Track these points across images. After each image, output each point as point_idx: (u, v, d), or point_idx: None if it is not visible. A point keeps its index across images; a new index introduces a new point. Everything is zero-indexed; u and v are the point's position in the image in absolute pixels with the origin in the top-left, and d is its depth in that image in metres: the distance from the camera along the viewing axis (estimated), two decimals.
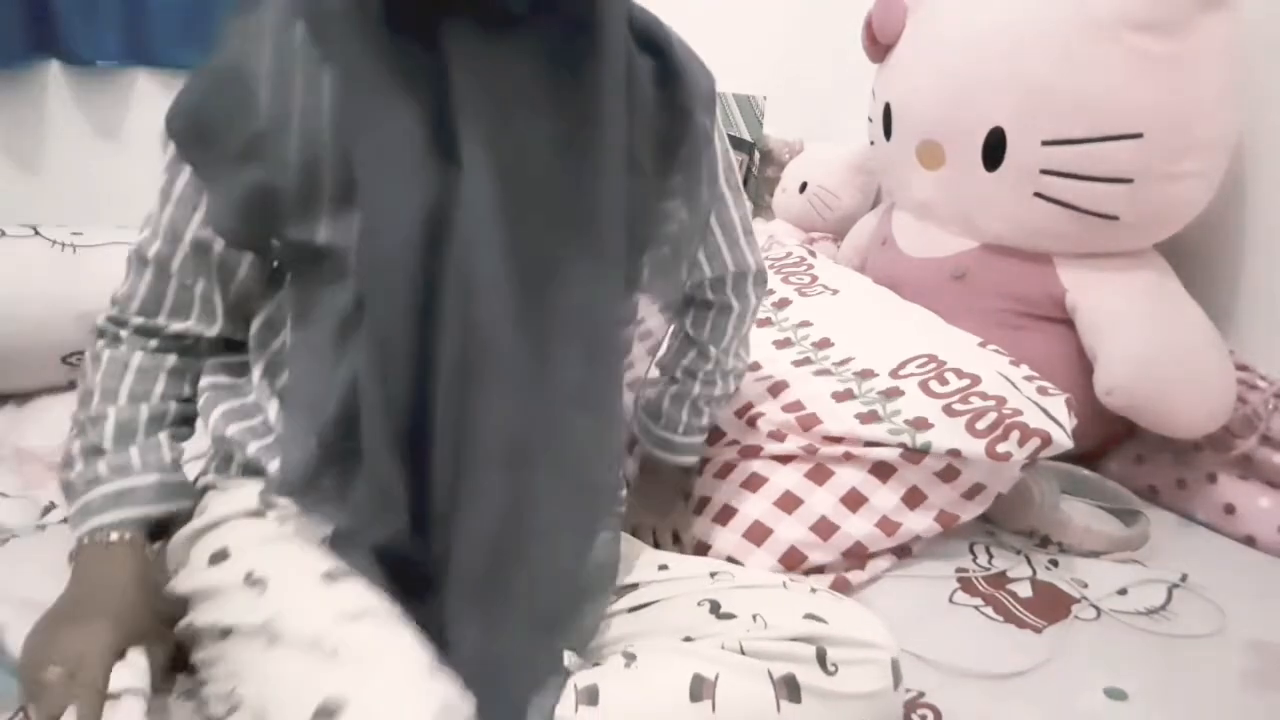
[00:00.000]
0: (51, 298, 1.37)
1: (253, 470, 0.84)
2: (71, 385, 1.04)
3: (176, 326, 0.84)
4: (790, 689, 0.76)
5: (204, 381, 0.89)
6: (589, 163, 0.79)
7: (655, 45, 0.85)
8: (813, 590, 0.88)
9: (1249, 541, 1.31)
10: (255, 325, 0.87)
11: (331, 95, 0.76)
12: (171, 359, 0.86)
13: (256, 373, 0.87)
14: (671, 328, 1.11)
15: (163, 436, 0.85)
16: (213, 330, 0.86)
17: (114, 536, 0.80)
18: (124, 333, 0.84)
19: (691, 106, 0.87)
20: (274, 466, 0.82)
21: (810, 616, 0.81)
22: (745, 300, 1.08)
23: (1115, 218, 1.36)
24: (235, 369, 0.90)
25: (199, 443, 0.89)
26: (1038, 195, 1.40)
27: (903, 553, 1.18)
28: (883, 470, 1.15)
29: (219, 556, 0.80)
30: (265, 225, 0.79)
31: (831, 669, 0.78)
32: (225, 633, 0.75)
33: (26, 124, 1.73)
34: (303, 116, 0.76)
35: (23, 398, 1.40)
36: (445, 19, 0.74)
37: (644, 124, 0.84)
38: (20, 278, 1.39)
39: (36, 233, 1.46)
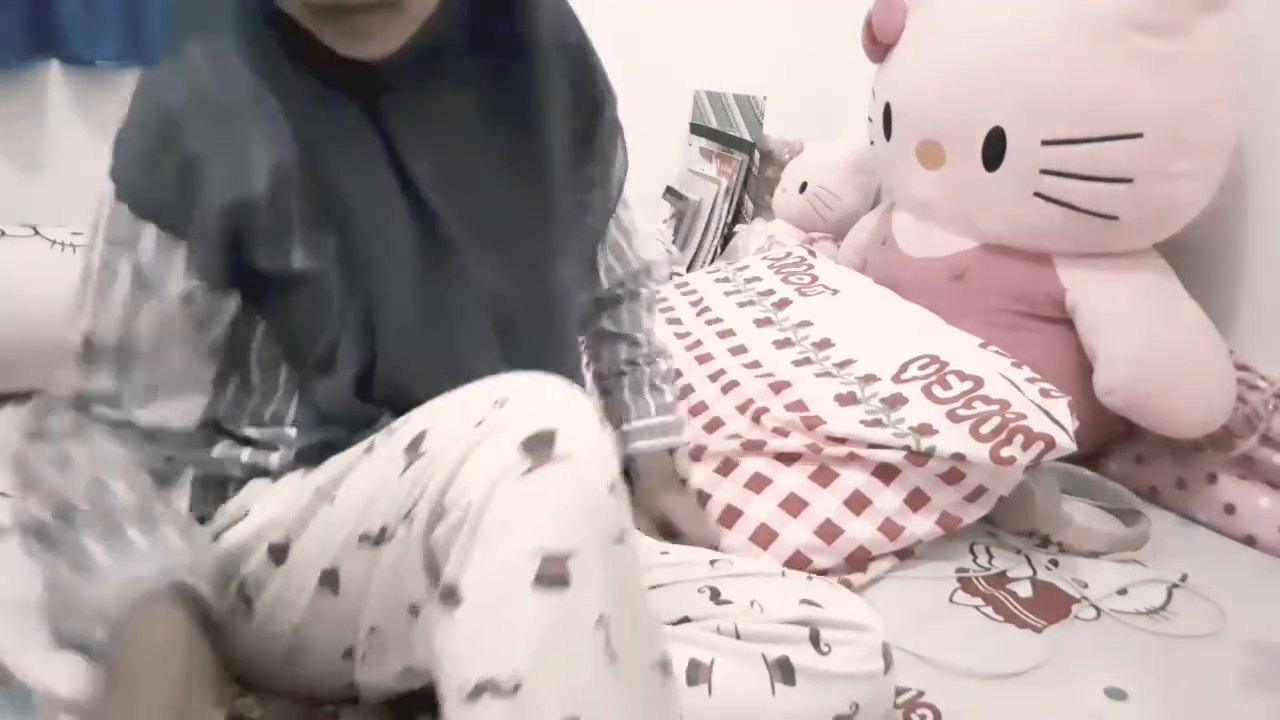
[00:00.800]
0: (51, 298, 1.36)
1: (251, 474, 0.83)
2: None
3: (157, 413, 0.78)
4: (784, 671, 0.77)
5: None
6: (535, 170, 0.82)
7: (567, 41, 0.86)
8: (809, 578, 0.90)
9: (1249, 541, 1.30)
10: (223, 405, 0.85)
11: (290, 121, 0.74)
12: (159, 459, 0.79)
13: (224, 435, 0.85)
14: (592, 338, 1.15)
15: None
16: (203, 397, 0.81)
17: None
18: (100, 427, 0.77)
19: (602, 100, 0.90)
20: (274, 459, 0.81)
21: (806, 601, 0.82)
22: (649, 286, 1.16)
23: (1115, 218, 1.36)
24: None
25: None
26: (1038, 195, 1.39)
27: (904, 554, 1.18)
28: (886, 472, 1.15)
29: (238, 515, 0.80)
30: (241, 254, 0.76)
31: (825, 649, 0.79)
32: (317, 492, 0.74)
33: (26, 124, 1.73)
34: (268, 142, 0.74)
35: (23, 398, 1.40)
36: (380, 69, 0.73)
37: (564, 121, 0.86)
38: (20, 278, 1.39)
39: (36, 233, 1.46)
